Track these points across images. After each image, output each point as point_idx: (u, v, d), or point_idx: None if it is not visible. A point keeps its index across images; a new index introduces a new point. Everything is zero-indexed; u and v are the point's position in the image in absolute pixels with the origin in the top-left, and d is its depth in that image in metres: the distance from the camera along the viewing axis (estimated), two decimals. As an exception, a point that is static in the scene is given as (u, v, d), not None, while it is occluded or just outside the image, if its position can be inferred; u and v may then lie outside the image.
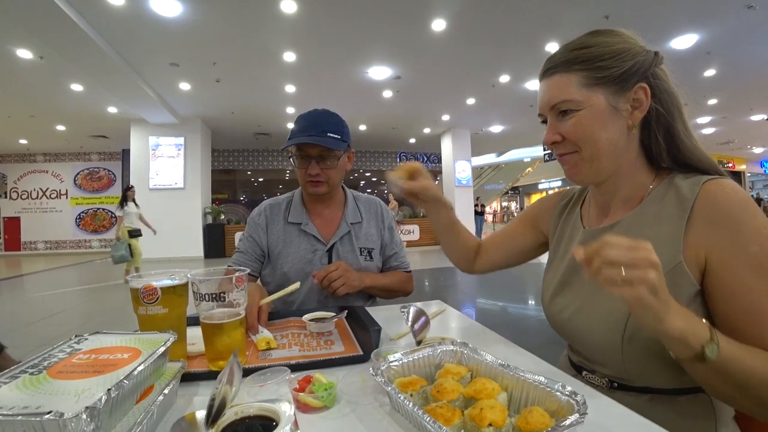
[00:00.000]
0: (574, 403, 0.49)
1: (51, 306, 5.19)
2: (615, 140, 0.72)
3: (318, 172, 1.28)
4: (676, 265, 0.65)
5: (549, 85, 0.75)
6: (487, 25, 6.11)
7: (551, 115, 0.76)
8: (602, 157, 0.72)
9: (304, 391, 0.59)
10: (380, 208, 1.50)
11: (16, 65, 6.72)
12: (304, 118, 1.31)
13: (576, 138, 0.72)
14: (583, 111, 0.70)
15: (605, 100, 0.70)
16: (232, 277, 0.73)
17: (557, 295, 0.84)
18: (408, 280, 1.47)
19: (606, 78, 0.70)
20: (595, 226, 0.83)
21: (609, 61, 0.69)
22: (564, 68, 0.73)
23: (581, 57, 0.71)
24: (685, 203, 0.67)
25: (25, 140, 12.20)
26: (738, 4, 5.52)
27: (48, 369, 0.51)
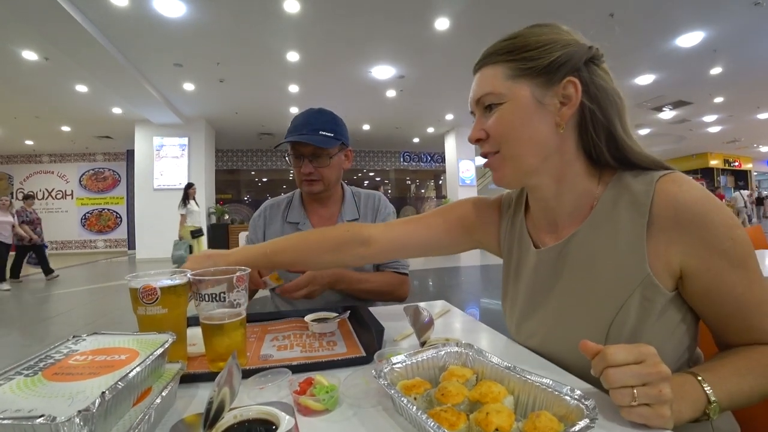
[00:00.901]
0: (583, 408, 0.48)
1: (56, 306, 5.22)
2: (540, 138, 0.66)
3: (311, 170, 1.28)
4: (645, 278, 0.61)
5: (477, 79, 0.71)
6: (491, 23, 6.08)
7: (478, 111, 0.72)
8: (525, 156, 0.68)
9: (305, 394, 0.58)
10: (378, 202, 1.46)
11: (22, 66, 6.77)
12: (298, 118, 1.31)
13: (497, 134, 0.68)
14: (505, 105, 0.66)
15: (530, 92, 0.65)
16: (232, 277, 0.71)
17: (523, 322, 0.79)
18: (400, 283, 1.38)
19: (531, 69, 0.65)
20: (546, 243, 0.76)
21: (535, 51, 0.65)
22: (491, 60, 0.69)
23: (507, 47, 0.68)
24: (641, 207, 0.62)
25: (30, 141, 12.30)
26: (745, 1, 5.46)
27: (43, 370, 0.50)
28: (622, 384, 0.48)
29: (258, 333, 0.95)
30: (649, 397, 0.47)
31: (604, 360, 0.50)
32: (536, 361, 0.76)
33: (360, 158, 16.20)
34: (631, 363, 0.48)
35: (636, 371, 0.48)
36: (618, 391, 0.49)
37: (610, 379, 0.49)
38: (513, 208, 0.86)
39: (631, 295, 0.62)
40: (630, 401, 0.48)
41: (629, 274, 0.63)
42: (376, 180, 17.89)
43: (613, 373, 0.49)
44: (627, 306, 0.62)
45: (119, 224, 14.12)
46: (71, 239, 13.97)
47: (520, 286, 0.81)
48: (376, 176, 17.71)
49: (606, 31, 5.93)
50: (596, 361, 0.51)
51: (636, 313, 0.62)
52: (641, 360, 0.48)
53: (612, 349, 0.50)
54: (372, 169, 16.75)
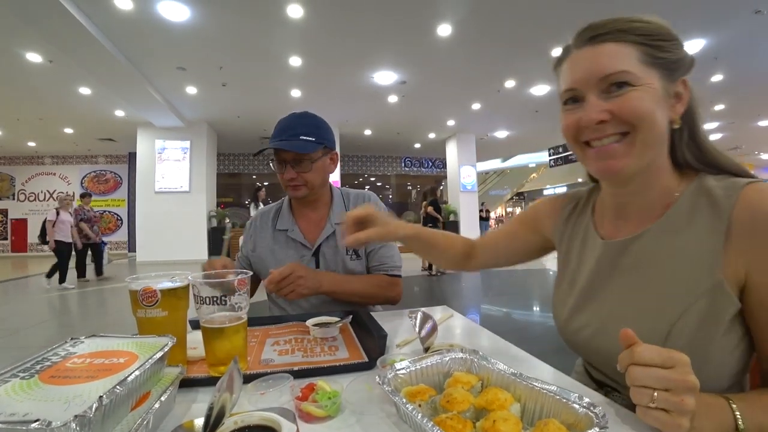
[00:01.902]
0: (593, 416, 0.46)
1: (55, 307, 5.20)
2: (663, 129, 0.63)
3: (294, 176, 1.26)
4: (716, 285, 0.58)
5: (598, 54, 0.63)
6: (493, 30, 6.11)
7: (594, 89, 0.63)
8: (654, 144, 0.63)
9: (307, 400, 0.57)
10: (368, 201, 1.42)
11: (26, 69, 6.80)
12: (281, 123, 1.29)
13: (634, 116, 0.61)
14: (641, 87, 0.60)
15: (659, 83, 0.62)
16: (234, 280, 0.70)
17: (576, 313, 0.75)
18: (390, 284, 1.32)
19: (663, 60, 0.62)
20: (614, 236, 0.73)
21: (668, 43, 0.63)
22: (619, 37, 0.62)
23: (641, 29, 0.62)
24: (721, 213, 0.60)
25: (33, 143, 12.34)
26: (746, 9, 5.48)
27: (40, 373, 0.48)
28: (642, 383, 0.47)
29: (259, 337, 0.94)
30: (669, 403, 0.46)
31: (630, 355, 0.49)
32: (542, 368, 0.75)
33: (361, 163, 16.22)
34: (658, 366, 0.47)
35: (661, 375, 0.46)
36: (637, 390, 0.48)
37: (631, 375, 0.48)
38: (583, 201, 0.85)
39: (698, 301, 0.59)
40: (647, 402, 0.47)
41: (699, 279, 0.60)
42: (377, 185, 17.91)
43: (636, 371, 0.48)
44: (691, 311, 0.59)
45: (120, 226, 14.13)
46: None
47: (578, 277, 0.77)
48: (377, 181, 17.72)
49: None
50: (623, 355, 0.50)
51: (699, 320, 0.59)
52: (670, 365, 0.47)
53: (641, 347, 0.48)
54: (373, 174, 16.76)
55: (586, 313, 0.74)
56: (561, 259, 0.85)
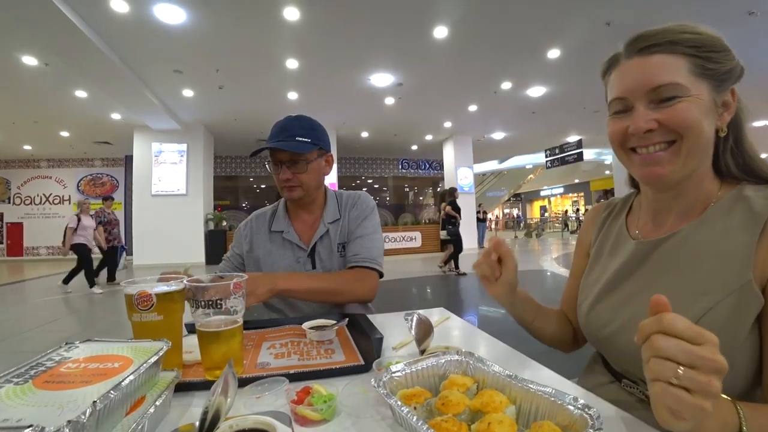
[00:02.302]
0: (587, 417, 0.47)
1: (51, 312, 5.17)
2: (710, 138, 0.65)
3: (289, 177, 1.27)
4: (745, 284, 0.59)
5: (648, 65, 0.64)
6: (489, 32, 6.13)
7: (643, 99, 0.64)
8: (698, 153, 0.64)
9: (303, 403, 0.57)
10: (356, 200, 1.41)
11: (22, 72, 6.78)
12: (276, 125, 1.31)
13: (682, 125, 0.62)
14: (690, 98, 0.62)
15: (708, 94, 0.63)
16: (229, 284, 0.70)
17: (597, 304, 0.77)
18: (358, 277, 1.23)
19: (713, 71, 0.63)
20: (647, 236, 0.75)
21: (719, 54, 0.64)
22: (669, 48, 0.63)
23: (692, 41, 0.63)
24: (758, 217, 0.61)
25: (29, 146, 12.28)
26: (739, 10, 5.53)
27: (34, 378, 0.48)
28: (667, 355, 0.41)
29: (255, 340, 0.94)
30: (695, 382, 0.40)
31: (658, 323, 0.42)
32: (537, 370, 0.75)
33: (358, 165, 16.23)
34: (687, 340, 0.41)
35: (689, 349, 0.41)
36: (659, 362, 0.42)
37: (656, 345, 0.42)
38: (619, 206, 0.87)
39: (725, 299, 0.60)
40: (670, 376, 0.41)
41: (729, 278, 0.60)
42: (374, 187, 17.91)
43: (661, 340, 0.42)
44: (717, 309, 0.60)
45: (117, 230, 14.06)
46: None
47: (605, 271, 0.79)
48: (374, 183, 17.72)
49: (603, 40, 6.00)
50: (647, 323, 0.44)
51: (726, 319, 0.59)
52: (700, 342, 0.41)
53: (671, 315, 0.42)
54: (370, 176, 16.77)
55: (608, 308, 0.75)
56: (592, 257, 0.87)
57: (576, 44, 6.48)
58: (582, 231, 0.96)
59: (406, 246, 12.64)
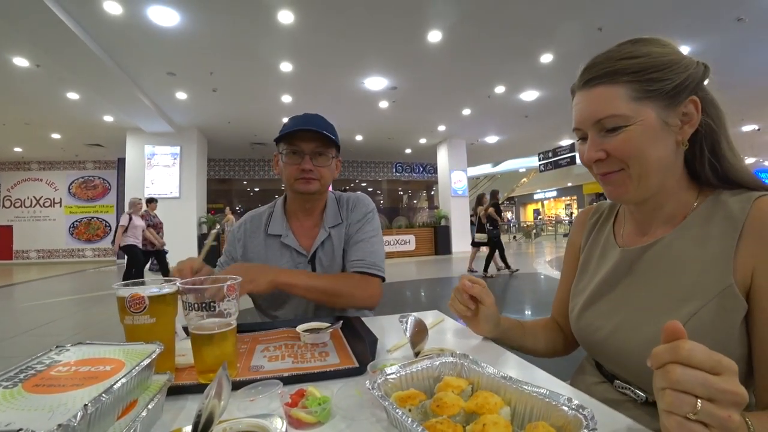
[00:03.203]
0: (581, 418, 0.47)
1: (41, 316, 5.10)
2: (664, 157, 0.66)
3: (312, 168, 1.22)
4: (726, 288, 0.60)
5: (591, 98, 0.67)
6: (483, 36, 6.18)
7: (593, 130, 0.68)
8: (651, 176, 0.66)
9: (297, 406, 0.56)
10: (356, 202, 1.37)
11: (13, 73, 6.71)
12: (296, 118, 1.26)
13: (625, 155, 0.66)
14: (632, 126, 0.64)
15: (656, 114, 0.64)
16: (223, 286, 0.70)
17: (586, 310, 0.79)
18: (360, 283, 1.20)
19: (657, 91, 0.64)
20: (631, 244, 0.77)
21: (660, 73, 0.64)
22: (609, 79, 0.66)
23: (630, 68, 0.64)
24: (735, 222, 0.63)
25: (19, 148, 12.15)
26: (728, 17, 5.62)
27: (24, 382, 0.48)
28: (685, 388, 0.39)
29: (249, 343, 0.93)
30: (713, 417, 0.38)
31: (675, 352, 0.40)
32: (530, 371, 0.75)
33: (352, 168, 16.23)
34: (707, 371, 0.39)
35: (710, 381, 0.39)
36: (677, 395, 0.39)
37: (673, 377, 0.39)
38: (606, 213, 0.89)
39: (708, 303, 0.61)
40: (688, 411, 0.39)
41: (710, 283, 0.62)
42: (368, 190, 17.92)
43: (680, 372, 0.39)
44: (701, 314, 0.61)
45: (108, 233, 13.93)
46: (59, 248, 13.74)
47: (594, 277, 0.81)
48: (368, 187, 17.74)
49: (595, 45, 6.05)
50: (662, 350, 0.41)
51: (711, 323, 0.60)
52: (719, 372, 0.39)
53: (690, 344, 0.40)
54: (364, 179, 16.78)
55: (597, 314, 0.77)
56: (581, 264, 0.89)
57: (568, 49, 6.55)
58: (572, 234, 0.97)
59: (400, 249, 12.64)
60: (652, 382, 0.43)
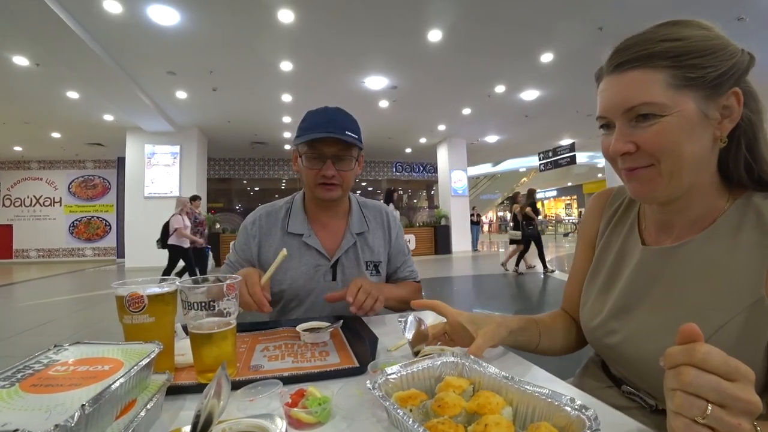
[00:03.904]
0: (585, 419, 0.46)
1: (41, 315, 5.10)
2: (700, 154, 0.60)
3: (334, 173, 1.15)
4: (757, 300, 0.56)
5: (623, 83, 0.60)
6: (483, 36, 6.17)
7: (622, 119, 0.61)
8: (684, 173, 0.60)
9: (297, 406, 0.56)
10: (387, 216, 1.37)
11: (12, 72, 6.70)
12: (318, 114, 1.17)
13: (657, 149, 0.59)
14: (668, 117, 0.57)
15: (695, 105, 0.57)
16: (222, 285, 0.69)
17: (601, 309, 0.74)
18: (418, 290, 1.36)
19: (698, 80, 0.57)
20: (654, 243, 0.71)
21: (703, 59, 0.57)
22: (645, 63, 0.58)
23: (669, 51, 0.57)
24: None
25: (19, 147, 12.14)
26: (729, 16, 5.61)
27: (21, 382, 0.47)
28: (697, 391, 0.38)
29: (248, 343, 0.92)
30: (723, 423, 0.37)
31: (690, 354, 0.39)
32: (533, 370, 0.75)
33: (353, 168, 16.21)
34: (722, 376, 0.38)
35: (722, 387, 0.38)
36: (687, 398, 0.39)
37: (685, 379, 0.39)
38: (626, 201, 0.81)
39: (737, 316, 0.57)
40: (697, 415, 0.38)
41: (740, 294, 0.58)
42: (368, 190, 17.92)
43: (693, 374, 0.39)
44: (729, 326, 0.57)
45: (108, 232, 13.94)
46: (58, 247, 13.74)
47: (615, 281, 0.75)
48: (368, 186, 17.73)
49: (596, 44, 6.06)
50: (676, 351, 0.41)
51: (737, 336, 0.57)
52: (734, 378, 0.38)
53: (707, 347, 0.39)
54: (364, 178, 16.77)
55: (618, 319, 0.72)
56: (597, 255, 0.82)
57: (569, 48, 6.54)
58: (585, 221, 0.89)
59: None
60: (664, 382, 0.42)
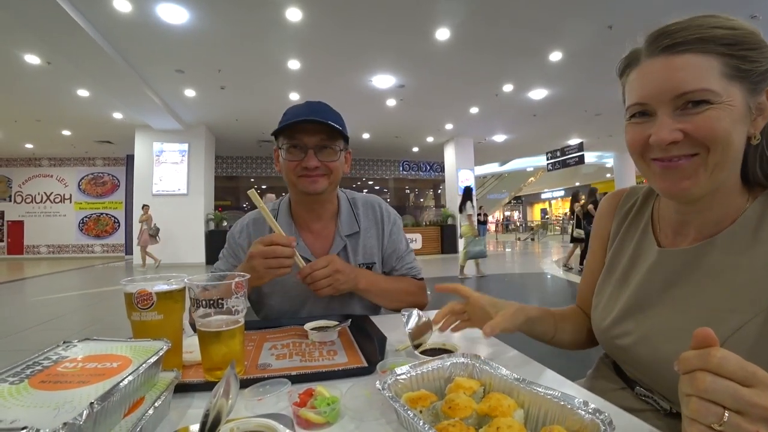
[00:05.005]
0: (599, 422, 0.45)
1: (50, 310, 5.16)
2: (741, 148, 0.58)
3: (317, 164, 1.08)
4: None
5: (675, 66, 0.56)
6: (491, 34, 6.13)
7: (668, 106, 0.57)
8: (727, 166, 0.58)
9: (306, 406, 0.55)
10: (380, 211, 1.28)
11: (24, 70, 6.78)
12: (298, 107, 1.12)
13: (710, 137, 0.55)
14: (721, 106, 0.54)
15: (742, 97, 0.56)
16: (231, 283, 0.69)
17: (614, 311, 0.73)
18: (419, 289, 1.26)
19: (749, 72, 0.55)
20: (671, 245, 0.70)
21: (756, 52, 0.55)
22: (699, 47, 0.55)
23: (726, 38, 0.55)
24: None
25: (30, 144, 12.31)
26: (743, 13, 5.51)
27: (30, 378, 0.47)
28: (713, 398, 0.37)
29: (256, 341, 0.92)
30: (740, 430, 0.36)
31: (705, 359, 0.38)
32: (541, 371, 0.74)
33: (359, 167, 16.23)
34: (738, 381, 0.37)
35: (740, 393, 0.37)
36: (703, 404, 0.38)
37: (701, 385, 0.38)
38: (640, 201, 0.80)
39: (754, 318, 0.56)
40: (714, 422, 0.37)
41: (758, 296, 0.57)
42: (375, 189, 17.91)
43: (709, 380, 0.38)
44: (747, 328, 0.56)
45: (117, 229, 14.08)
46: (68, 243, 13.91)
47: (629, 281, 0.74)
48: (375, 185, 17.73)
49: (605, 43, 5.99)
50: (691, 356, 0.40)
51: (756, 339, 0.56)
52: (751, 384, 0.37)
53: (723, 352, 0.38)
54: (371, 177, 16.76)
55: (632, 320, 0.70)
56: (610, 257, 0.81)
57: (578, 47, 6.48)
58: (598, 222, 0.88)
59: (406, 248, 12.62)
60: (678, 386, 0.41)
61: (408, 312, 0.83)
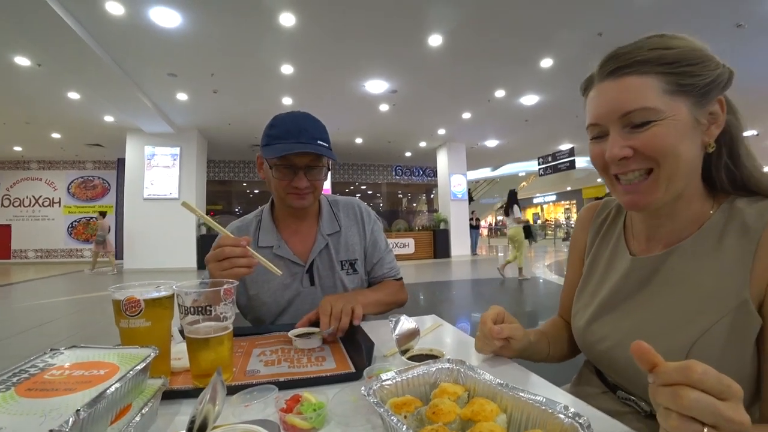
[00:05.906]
0: (578, 426, 0.46)
1: (38, 316, 5.09)
2: (693, 158, 0.62)
3: (307, 184, 1.13)
4: (741, 303, 0.58)
5: (618, 89, 0.62)
6: (483, 41, 6.20)
7: (617, 125, 0.63)
8: (680, 177, 0.62)
9: (292, 412, 0.56)
10: (360, 211, 1.34)
11: (14, 72, 6.71)
12: (286, 123, 1.12)
13: (657, 151, 0.60)
14: (664, 121, 0.59)
15: (687, 110, 0.60)
16: (219, 290, 0.70)
17: (594, 322, 0.76)
18: (399, 288, 1.33)
19: (691, 86, 0.60)
20: (642, 252, 0.73)
21: (695, 67, 0.60)
22: (639, 69, 0.61)
23: (663, 58, 0.60)
24: (752, 234, 0.60)
25: (19, 147, 12.16)
26: (728, 23, 5.65)
27: (16, 386, 0.47)
28: (693, 414, 0.38)
29: (245, 347, 0.92)
30: None
31: (687, 374, 0.39)
32: (528, 377, 0.75)
33: (352, 171, 16.24)
34: (715, 396, 0.39)
35: (718, 409, 0.38)
36: (684, 421, 0.39)
37: (685, 402, 0.39)
38: (613, 213, 0.84)
39: (722, 319, 0.59)
40: None
41: (725, 297, 0.59)
42: (368, 193, 17.93)
43: (692, 396, 0.38)
44: (715, 329, 0.59)
45: (107, 233, 13.92)
46: (57, 248, 13.72)
47: (602, 285, 0.77)
48: (368, 189, 17.75)
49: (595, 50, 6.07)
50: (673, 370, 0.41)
51: (725, 339, 0.58)
52: (726, 398, 0.39)
53: (702, 367, 0.39)
54: (364, 182, 16.78)
55: (605, 323, 0.74)
56: (586, 268, 0.84)
57: (568, 54, 6.57)
58: (575, 234, 0.92)
59: (399, 252, 12.62)
60: (651, 395, 0.43)
61: (395, 318, 0.84)
